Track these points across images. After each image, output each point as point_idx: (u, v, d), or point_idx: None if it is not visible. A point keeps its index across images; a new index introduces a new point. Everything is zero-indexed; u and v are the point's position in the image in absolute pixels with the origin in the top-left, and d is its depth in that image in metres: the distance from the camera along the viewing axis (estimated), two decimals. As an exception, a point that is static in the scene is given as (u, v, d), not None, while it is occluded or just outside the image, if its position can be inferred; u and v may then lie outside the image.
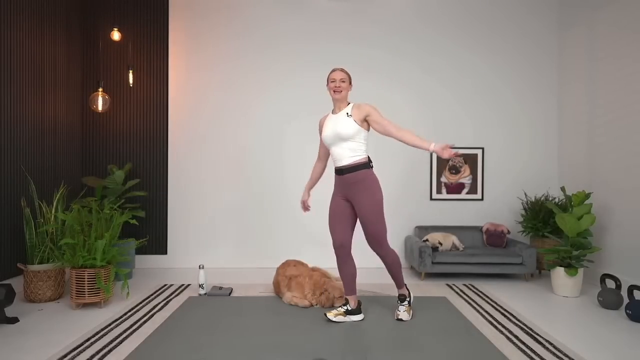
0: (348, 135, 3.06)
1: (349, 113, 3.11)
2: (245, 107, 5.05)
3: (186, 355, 2.62)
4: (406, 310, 3.24)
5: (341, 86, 3.14)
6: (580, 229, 3.89)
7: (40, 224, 3.77)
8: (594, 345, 2.82)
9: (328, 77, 3.19)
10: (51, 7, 4.37)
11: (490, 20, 5.10)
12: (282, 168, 5.04)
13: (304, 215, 5.07)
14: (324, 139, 3.21)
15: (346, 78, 3.17)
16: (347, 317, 3.20)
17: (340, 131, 3.07)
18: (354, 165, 3.09)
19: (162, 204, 5.02)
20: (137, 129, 5.00)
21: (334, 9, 5.06)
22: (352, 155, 3.09)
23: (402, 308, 3.25)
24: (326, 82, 3.22)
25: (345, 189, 3.16)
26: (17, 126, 3.90)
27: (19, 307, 3.49)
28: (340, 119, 3.11)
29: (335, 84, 3.14)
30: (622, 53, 4.06)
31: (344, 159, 3.11)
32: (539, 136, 5.11)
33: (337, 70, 3.18)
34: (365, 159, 3.12)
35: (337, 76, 3.15)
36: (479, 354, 2.65)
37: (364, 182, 3.08)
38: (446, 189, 5.09)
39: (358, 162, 3.09)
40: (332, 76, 3.16)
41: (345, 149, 3.10)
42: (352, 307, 3.22)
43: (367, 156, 3.14)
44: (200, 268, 3.87)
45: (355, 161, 3.09)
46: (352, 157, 3.09)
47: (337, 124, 3.10)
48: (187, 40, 5.02)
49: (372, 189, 3.08)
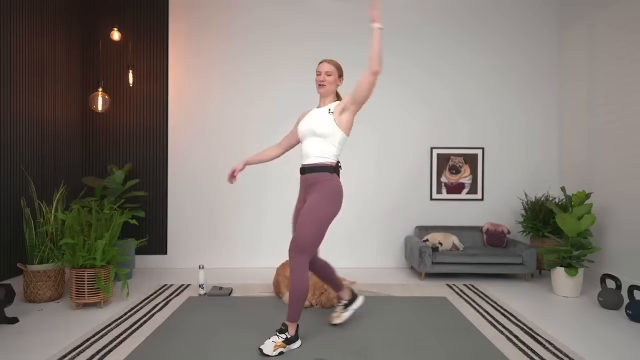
0: (322, 133, 2.78)
1: (331, 110, 2.84)
2: (245, 107, 5.05)
3: (186, 355, 2.62)
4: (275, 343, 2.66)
5: (325, 80, 2.84)
6: (580, 229, 3.89)
7: (40, 224, 3.77)
8: (594, 345, 2.82)
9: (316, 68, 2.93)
10: (51, 7, 4.37)
11: (490, 20, 5.09)
12: (282, 168, 5.04)
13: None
14: (298, 131, 2.93)
15: (333, 71, 2.86)
16: (349, 310, 3.13)
17: (316, 127, 2.79)
18: (317, 166, 2.80)
19: (162, 204, 5.02)
20: (137, 129, 5.00)
21: (334, 9, 5.06)
22: (319, 155, 2.81)
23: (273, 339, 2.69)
24: None
25: (304, 191, 2.90)
26: (17, 126, 3.90)
27: (19, 307, 3.49)
28: (320, 115, 2.84)
29: (320, 77, 2.86)
30: (622, 53, 4.06)
31: (310, 157, 2.83)
32: (539, 136, 5.11)
33: (324, 62, 2.89)
34: (331, 163, 2.81)
35: (322, 69, 2.86)
36: (479, 354, 2.64)
37: (319, 184, 2.78)
38: (446, 189, 5.09)
39: (322, 163, 2.80)
40: (318, 68, 2.89)
41: (315, 147, 2.81)
42: (347, 299, 3.16)
43: (335, 161, 2.84)
44: (200, 268, 3.87)
45: (319, 162, 2.80)
46: (318, 157, 2.81)
47: (315, 119, 2.83)
48: (187, 40, 5.02)
49: (322, 192, 2.75)
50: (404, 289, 4.09)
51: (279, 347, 2.65)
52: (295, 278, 2.68)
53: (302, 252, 2.67)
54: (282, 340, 2.68)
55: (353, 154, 5.04)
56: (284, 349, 2.67)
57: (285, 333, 2.70)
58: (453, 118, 5.10)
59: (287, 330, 2.72)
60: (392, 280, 4.48)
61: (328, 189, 2.76)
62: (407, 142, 5.09)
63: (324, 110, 2.87)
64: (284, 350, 2.67)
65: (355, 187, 5.07)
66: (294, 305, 2.70)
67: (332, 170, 2.81)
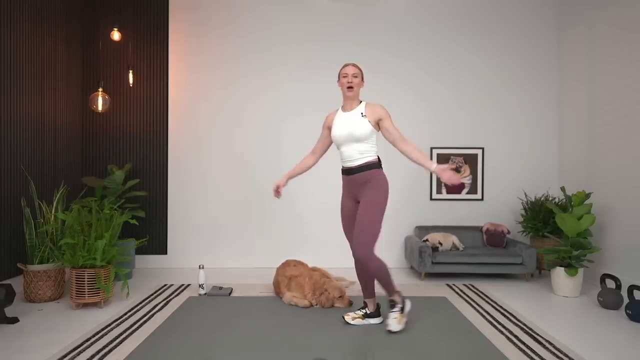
0: (362, 137, 2.94)
1: (363, 113, 2.98)
2: (245, 106, 5.05)
3: (186, 355, 2.62)
4: (396, 318, 2.98)
5: (353, 82, 2.97)
6: (580, 229, 3.89)
7: (40, 224, 3.77)
8: (594, 345, 2.82)
9: (340, 72, 3.04)
10: (51, 7, 4.37)
11: (491, 20, 5.09)
12: (282, 168, 5.03)
13: (308, 215, 5.07)
14: (334, 137, 3.05)
15: (359, 73, 3.01)
16: (366, 320, 3.17)
17: (355, 132, 2.94)
18: (364, 165, 2.97)
19: (162, 204, 5.02)
20: (137, 129, 5.00)
21: (334, 9, 5.06)
22: (363, 155, 2.97)
23: (392, 315, 3.00)
24: (337, 78, 3.07)
25: (353, 189, 3.05)
26: (17, 126, 3.90)
27: (19, 307, 3.49)
28: (355, 119, 2.97)
29: (347, 79, 2.97)
30: (622, 53, 4.06)
31: (354, 159, 2.99)
32: (539, 136, 5.11)
33: (350, 65, 3.02)
34: (375, 159, 3.01)
35: (349, 71, 2.99)
36: (479, 354, 2.64)
37: (370, 182, 2.97)
38: (446, 189, 5.09)
39: (369, 162, 2.98)
40: (344, 71, 3.00)
41: (356, 150, 2.97)
42: (370, 310, 3.20)
43: (377, 157, 3.04)
44: (200, 268, 3.87)
45: (366, 161, 2.98)
46: (363, 158, 2.98)
47: (352, 124, 2.96)
48: (187, 40, 5.02)
49: (376, 190, 2.95)
50: (404, 289, 4.08)
51: (402, 319, 3.01)
52: (373, 267, 2.94)
53: (369, 246, 2.91)
54: (399, 312, 2.99)
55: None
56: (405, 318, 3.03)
57: (396, 305, 3.00)
58: (453, 118, 5.10)
59: (395, 302, 3.02)
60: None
61: (381, 185, 2.98)
62: (407, 142, 5.08)
63: (355, 114, 3.00)
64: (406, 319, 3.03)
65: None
66: (386, 285, 3.01)
67: (378, 166, 3.02)
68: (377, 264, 2.95)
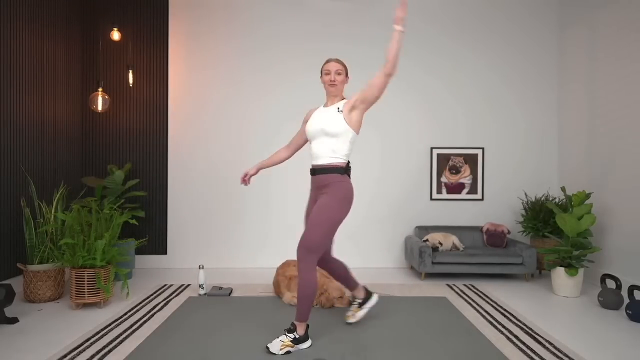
0: (334, 132, 2.74)
1: (340, 108, 2.81)
2: (245, 106, 5.05)
3: (186, 355, 2.62)
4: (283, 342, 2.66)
5: (336, 79, 2.82)
6: (580, 229, 3.89)
7: (40, 224, 3.77)
8: (594, 345, 2.82)
9: (322, 68, 2.89)
10: (51, 7, 4.37)
11: (491, 20, 5.09)
12: (282, 168, 5.04)
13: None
14: (307, 131, 2.90)
15: (342, 70, 2.86)
16: (364, 309, 3.15)
17: (326, 127, 2.75)
18: (327, 167, 2.78)
19: (162, 204, 5.02)
20: (137, 129, 5.00)
21: (334, 9, 5.06)
22: (330, 155, 2.78)
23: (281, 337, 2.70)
24: (320, 74, 2.92)
25: (315, 192, 2.88)
26: (17, 126, 3.90)
27: (19, 307, 3.49)
28: (330, 113, 2.81)
29: (330, 77, 2.83)
30: (622, 53, 4.06)
31: (320, 157, 2.80)
32: (539, 136, 5.11)
33: (332, 61, 2.87)
34: (342, 164, 2.79)
35: (332, 68, 2.84)
36: (479, 354, 2.64)
37: (329, 187, 2.76)
38: (446, 189, 5.09)
39: (334, 164, 2.77)
40: (327, 67, 2.86)
41: (326, 147, 2.78)
42: (362, 298, 3.17)
43: (346, 161, 2.82)
44: (200, 268, 3.87)
45: (330, 163, 2.77)
46: (329, 158, 2.78)
47: (325, 118, 2.79)
48: (187, 40, 5.02)
49: (333, 196, 2.73)
50: (404, 289, 4.08)
51: (286, 347, 2.65)
52: (304, 278, 2.66)
53: (310, 252, 2.66)
54: (290, 340, 2.67)
55: (353, 153, 5.03)
56: (292, 348, 2.67)
57: (293, 333, 2.70)
58: (453, 118, 5.10)
59: (295, 330, 2.71)
60: (392, 280, 4.48)
61: (339, 192, 2.74)
62: (408, 142, 5.09)
63: (332, 109, 2.84)
64: (292, 350, 2.67)
65: (355, 187, 5.05)
66: (303, 305, 2.68)
67: (342, 172, 2.79)
68: (308, 276, 2.65)
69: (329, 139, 2.78)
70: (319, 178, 2.82)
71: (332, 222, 2.70)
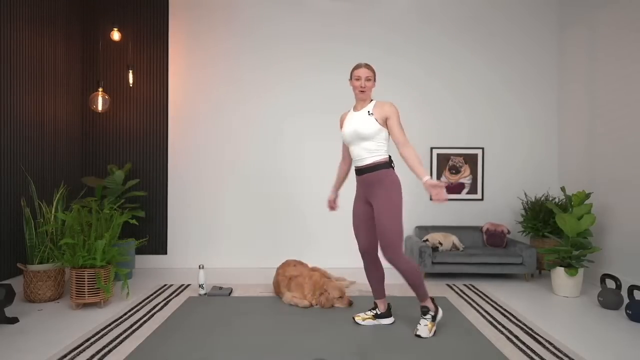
0: (368, 135, 2.90)
1: (370, 111, 2.94)
2: (245, 106, 5.05)
3: (186, 355, 2.62)
4: (427, 325, 2.93)
5: (366, 86, 2.95)
6: (580, 229, 3.89)
7: (40, 224, 3.77)
8: (594, 345, 2.82)
9: (352, 72, 3.00)
10: (51, 7, 4.37)
11: (491, 20, 5.09)
12: (282, 167, 5.04)
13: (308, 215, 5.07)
14: (343, 137, 3.06)
15: (372, 76, 2.98)
16: (377, 321, 3.17)
17: (360, 130, 2.91)
18: (373, 165, 2.94)
19: (162, 204, 5.02)
20: (137, 129, 5.00)
21: (334, 9, 5.06)
22: (371, 155, 2.94)
23: (423, 322, 2.96)
24: (349, 77, 3.04)
25: (365, 190, 3.02)
26: (17, 126, 3.90)
27: (19, 307, 3.49)
28: (362, 117, 2.95)
29: (360, 83, 2.95)
30: (622, 53, 4.06)
31: (364, 159, 2.96)
32: (539, 136, 5.11)
33: (362, 67, 2.97)
34: (385, 159, 2.96)
35: (362, 74, 2.95)
36: (479, 354, 2.64)
37: (382, 182, 2.92)
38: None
39: (378, 161, 2.93)
40: (357, 73, 2.96)
41: (364, 148, 2.94)
42: (381, 311, 3.19)
43: (388, 156, 2.98)
44: (200, 268, 3.87)
45: (375, 161, 2.93)
46: (372, 157, 2.94)
47: (358, 122, 2.94)
48: (187, 40, 5.02)
49: (389, 190, 2.90)
50: (404, 289, 4.08)
51: (432, 327, 2.95)
52: (405, 269, 2.90)
53: (395, 247, 2.87)
54: (431, 320, 2.95)
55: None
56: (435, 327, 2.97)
57: (428, 313, 2.96)
58: (453, 118, 5.10)
59: (428, 309, 2.97)
60: (392, 280, 4.48)
61: (392, 184, 2.92)
62: (407, 142, 5.08)
63: (362, 112, 2.98)
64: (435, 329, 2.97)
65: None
66: (418, 288, 2.96)
67: (388, 166, 2.96)
68: (406, 265, 2.90)
69: (366, 142, 2.95)
70: (368, 176, 2.97)
71: (398, 210, 2.90)
